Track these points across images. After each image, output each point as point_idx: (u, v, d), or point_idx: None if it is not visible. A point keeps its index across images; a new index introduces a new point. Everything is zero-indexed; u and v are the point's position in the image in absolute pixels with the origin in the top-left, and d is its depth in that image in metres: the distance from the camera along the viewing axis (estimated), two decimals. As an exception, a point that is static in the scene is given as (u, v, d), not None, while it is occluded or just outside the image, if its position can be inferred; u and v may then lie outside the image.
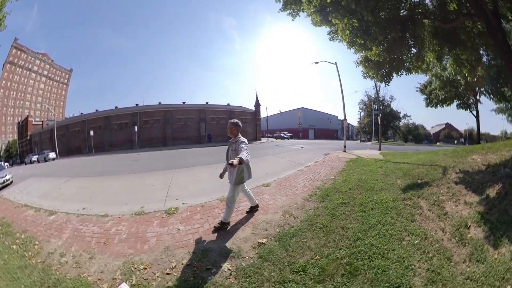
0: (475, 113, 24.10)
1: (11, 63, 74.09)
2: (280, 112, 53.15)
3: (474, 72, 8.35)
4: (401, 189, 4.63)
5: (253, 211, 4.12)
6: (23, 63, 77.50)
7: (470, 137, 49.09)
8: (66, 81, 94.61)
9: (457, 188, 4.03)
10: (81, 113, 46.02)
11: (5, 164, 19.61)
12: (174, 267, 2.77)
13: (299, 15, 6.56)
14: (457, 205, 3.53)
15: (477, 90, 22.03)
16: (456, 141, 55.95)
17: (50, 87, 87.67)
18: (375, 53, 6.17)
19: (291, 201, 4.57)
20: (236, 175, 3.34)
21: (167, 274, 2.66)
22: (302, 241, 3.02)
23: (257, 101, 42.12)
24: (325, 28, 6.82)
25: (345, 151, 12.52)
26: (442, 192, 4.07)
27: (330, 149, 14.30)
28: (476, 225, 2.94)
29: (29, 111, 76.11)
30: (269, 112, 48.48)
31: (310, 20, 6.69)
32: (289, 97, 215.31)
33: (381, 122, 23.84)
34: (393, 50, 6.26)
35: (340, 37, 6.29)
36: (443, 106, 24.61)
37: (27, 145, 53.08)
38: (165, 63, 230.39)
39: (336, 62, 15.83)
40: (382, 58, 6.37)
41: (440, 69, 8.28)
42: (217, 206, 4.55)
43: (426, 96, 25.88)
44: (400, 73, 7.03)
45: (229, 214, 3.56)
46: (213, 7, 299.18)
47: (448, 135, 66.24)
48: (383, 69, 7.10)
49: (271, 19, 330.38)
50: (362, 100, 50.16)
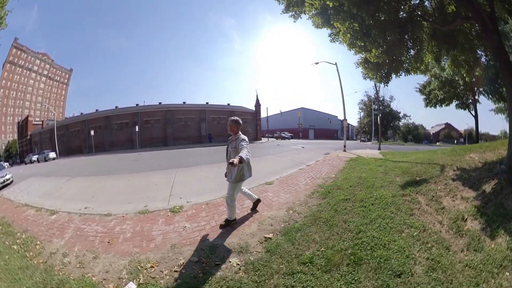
0: (473, 113, 24.28)
1: (11, 62, 73.93)
2: (280, 112, 53.32)
3: (472, 72, 8.50)
4: (400, 186, 4.78)
5: (256, 207, 4.12)
6: (23, 63, 77.32)
7: (469, 137, 49.19)
8: (66, 81, 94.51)
9: (454, 184, 4.17)
10: (81, 113, 45.94)
11: (5, 164, 19.57)
12: (182, 264, 2.73)
13: (300, 17, 6.64)
14: (454, 200, 3.68)
15: (476, 90, 22.20)
16: (455, 141, 56.01)
17: (50, 87, 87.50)
18: (375, 55, 6.29)
19: (294, 198, 4.65)
20: (236, 173, 3.31)
21: (176, 271, 2.63)
22: (307, 234, 3.10)
23: (258, 101, 42.23)
24: (325, 29, 6.98)
25: (345, 151, 12.66)
26: (439, 188, 4.21)
27: (330, 149, 14.42)
28: (472, 218, 3.07)
29: (29, 111, 75.94)
30: (269, 112, 48.71)
31: (311, 22, 6.84)
32: (289, 97, 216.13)
33: (380, 122, 24.01)
34: (392, 51, 6.39)
35: (341, 39, 6.44)
36: (442, 106, 24.78)
37: (27, 145, 53.01)
38: (165, 63, 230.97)
39: (336, 62, 15.98)
40: (381, 59, 6.50)
41: (438, 70, 8.40)
42: (222, 203, 4.55)
43: (425, 96, 26.03)
44: (399, 74, 7.15)
45: (233, 211, 3.56)
46: (213, 7, 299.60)
47: (447, 135, 66.30)
48: (382, 70, 7.24)
49: (271, 19, 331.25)
50: (362, 100, 50.35)
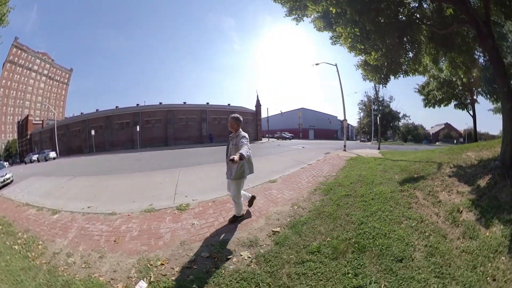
0: (472, 113, 24.48)
1: (11, 62, 73.91)
2: (281, 112, 53.58)
3: (469, 73, 8.72)
4: (398, 183, 5.01)
5: (252, 203, 4.03)
6: (23, 62, 77.30)
7: (469, 137, 49.39)
8: (66, 80, 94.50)
9: (450, 180, 4.40)
10: (81, 113, 45.94)
11: (5, 163, 19.57)
12: (193, 260, 2.73)
13: (303, 20, 6.83)
14: (450, 194, 3.90)
15: (474, 90, 22.43)
16: (455, 141, 56.15)
17: (50, 87, 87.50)
18: (374, 57, 6.53)
19: (297, 194, 4.84)
20: (236, 170, 3.31)
21: (187, 267, 2.62)
22: (313, 227, 3.28)
23: (258, 101, 42.45)
24: (326, 32, 7.18)
25: (345, 150, 12.89)
26: (436, 184, 4.44)
27: (330, 149, 14.64)
28: (468, 210, 3.30)
29: (29, 110, 75.96)
30: (269, 112, 48.86)
31: (313, 25, 7.04)
32: (289, 97, 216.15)
33: (380, 122, 24.26)
34: (391, 54, 6.62)
35: (341, 42, 6.66)
36: (440, 106, 24.96)
37: (27, 145, 53.07)
38: (164, 63, 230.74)
39: (336, 63, 16.19)
40: (380, 62, 6.74)
41: (436, 71, 8.60)
42: (229, 201, 4.55)
43: (424, 96, 26.19)
44: (397, 76, 7.37)
45: (240, 208, 3.62)
46: (213, 8, 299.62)
47: (447, 135, 66.49)
48: (381, 72, 7.45)
49: (270, 19, 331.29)
50: (361, 100, 50.55)
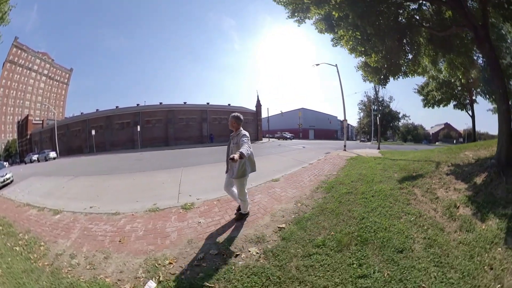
0: (470, 113, 24.67)
1: (11, 62, 73.94)
2: (281, 112, 53.71)
3: (468, 74, 8.88)
4: (397, 181, 5.18)
5: (241, 217, 3.76)
6: (23, 62, 77.34)
7: (469, 137, 49.60)
8: (66, 80, 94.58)
9: (448, 178, 4.58)
10: (81, 113, 45.93)
11: (5, 163, 19.58)
12: (202, 258, 2.73)
13: (304, 22, 6.96)
14: (447, 191, 4.07)
15: (473, 90, 22.61)
16: (455, 141, 56.30)
17: (50, 87, 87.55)
18: (374, 59, 6.70)
19: (300, 192, 4.97)
20: (238, 169, 3.31)
21: (196, 265, 2.61)
22: (317, 223, 3.42)
23: (258, 101, 42.62)
24: (327, 33, 7.32)
25: (345, 150, 13.05)
26: (434, 182, 4.62)
27: (330, 149, 14.82)
28: (464, 205, 3.46)
29: (29, 110, 75.98)
30: (270, 112, 49.04)
31: (314, 27, 7.18)
32: (289, 97, 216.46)
33: (380, 122, 24.45)
34: (391, 56, 6.78)
35: (342, 44, 6.82)
36: (439, 106, 25.18)
37: (27, 144, 53.03)
38: (165, 63, 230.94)
39: (336, 64, 16.35)
40: (380, 64, 6.90)
41: (435, 72, 8.75)
42: (233, 199, 4.71)
43: (423, 97, 26.39)
44: (397, 77, 7.52)
45: (246, 205, 3.69)
46: (213, 7, 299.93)
47: (447, 135, 66.67)
48: (381, 74, 7.61)
49: (271, 19, 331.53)
50: (361, 100, 50.85)
